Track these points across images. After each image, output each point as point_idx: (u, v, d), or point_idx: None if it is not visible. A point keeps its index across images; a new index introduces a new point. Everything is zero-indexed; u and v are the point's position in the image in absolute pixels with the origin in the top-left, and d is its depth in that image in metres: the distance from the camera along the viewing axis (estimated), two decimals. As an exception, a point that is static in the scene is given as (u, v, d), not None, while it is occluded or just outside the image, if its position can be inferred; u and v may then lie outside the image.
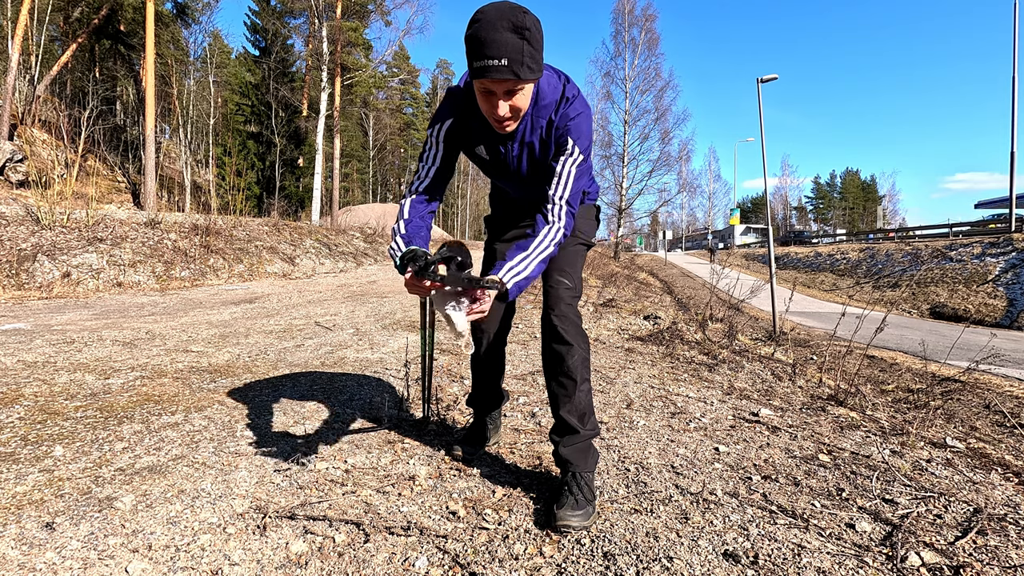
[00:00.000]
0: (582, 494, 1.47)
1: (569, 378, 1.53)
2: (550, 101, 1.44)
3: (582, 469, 1.52)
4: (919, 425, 2.36)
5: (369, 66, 22.12)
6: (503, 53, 1.22)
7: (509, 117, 1.35)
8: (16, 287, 6.29)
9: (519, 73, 1.25)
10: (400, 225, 1.48)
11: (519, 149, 1.51)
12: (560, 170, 1.44)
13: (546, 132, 1.46)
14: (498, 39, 1.21)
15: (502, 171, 1.59)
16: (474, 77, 1.28)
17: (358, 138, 39.71)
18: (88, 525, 1.34)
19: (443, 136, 1.52)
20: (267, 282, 8.59)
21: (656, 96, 24.77)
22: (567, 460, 1.53)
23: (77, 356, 3.17)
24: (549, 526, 1.41)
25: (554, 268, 1.61)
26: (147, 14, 17.35)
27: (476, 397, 1.95)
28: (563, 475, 1.54)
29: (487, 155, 1.56)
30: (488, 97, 1.32)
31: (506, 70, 1.23)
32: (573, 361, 1.53)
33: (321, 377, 2.84)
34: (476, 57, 1.24)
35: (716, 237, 49.31)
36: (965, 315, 14.30)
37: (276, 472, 1.69)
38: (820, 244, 33.23)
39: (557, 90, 1.44)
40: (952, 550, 1.34)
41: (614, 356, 3.75)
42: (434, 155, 1.54)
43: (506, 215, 1.84)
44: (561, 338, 1.54)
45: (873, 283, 19.40)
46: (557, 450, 1.56)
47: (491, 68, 1.23)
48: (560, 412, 1.55)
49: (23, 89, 18.50)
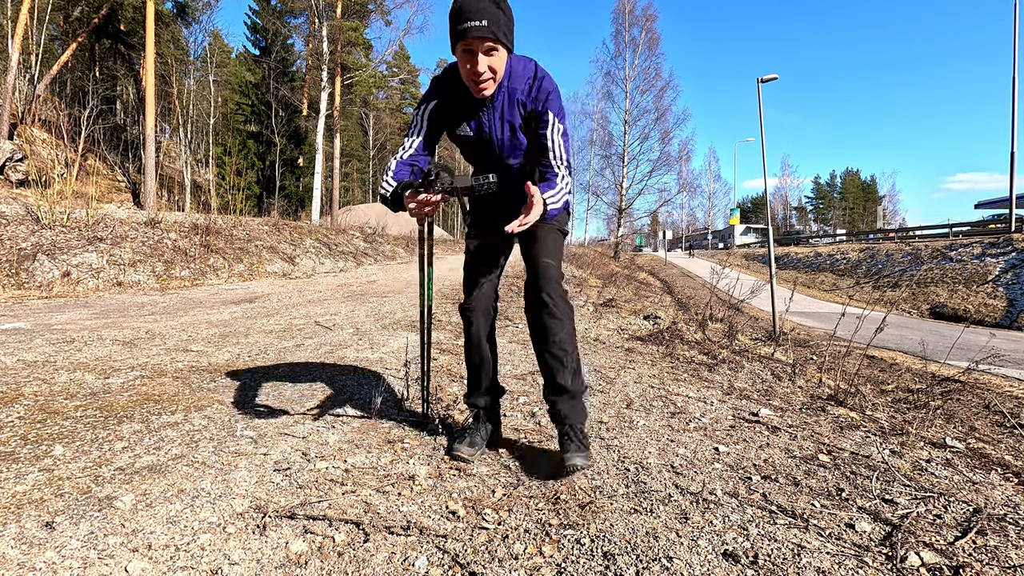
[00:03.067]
0: (581, 441, 1.72)
1: (562, 349, 1.72)
2: (523, 75, 1.64)
3: (577, 422, 1.75)
4: (919, 425, 2.36)
5: (369, 66, 22.11)
6: (483, 16, 1.45)
7: (488, 77, 1.54)
8: (16, 286, 6.29)
9: (496, 33, 1.47)
10: (388, 175, 1.63)
11: (500, 118, 1.67)
12: (550, 143, 1.64)
13: (526, 104, 1.64)
14: (478, 6, 1.45)
15: (485, 148, 1.73)
16: (457, 39, 1.49)
17: (358, 138, 39.70)
18: (88, 524, 1.34)
19: (427, 114, 1.70)
20: (267, 282, 8.59)
21: (656, 96, 24.78)
22: (565, 415, 1.74)
23: (77, 355, 3.16)
24: (559, 468, 1.65)
25: (541, 252, 1.74)
26: (147, 13, 17.34)
27: (472, 386, 1.98)
28: (561, 427, 1.76)
29: (471, 131, 1.70)
30: (469, 58, 1.51)
31: (485, 29, 1.45)
32: (564, 333, 1.72)
33: (321, 376, 2.84)
34: (459, 21, 1.46)
35: (716, 237, 49.32)
36: (965, 315, 14.30)
37: (276, 472, 1.69)
38: (819, 244, 33.22)
39: (529, 68, 1.65)
40: (952, 550, 1.34)
41: (614, 356, 3.74)
42: (418, 129, 1.70)
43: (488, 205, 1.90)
44: (551, 311, 1.70)
45: (873, 283, 19.40)
46: (555, 407, 1.76)
47: (472, 28, 1.45)
48: (557, 379, 1.74)
49: (23, 88, 18.49)
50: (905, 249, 20.57)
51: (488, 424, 1.97)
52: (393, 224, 17.23)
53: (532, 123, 1.66)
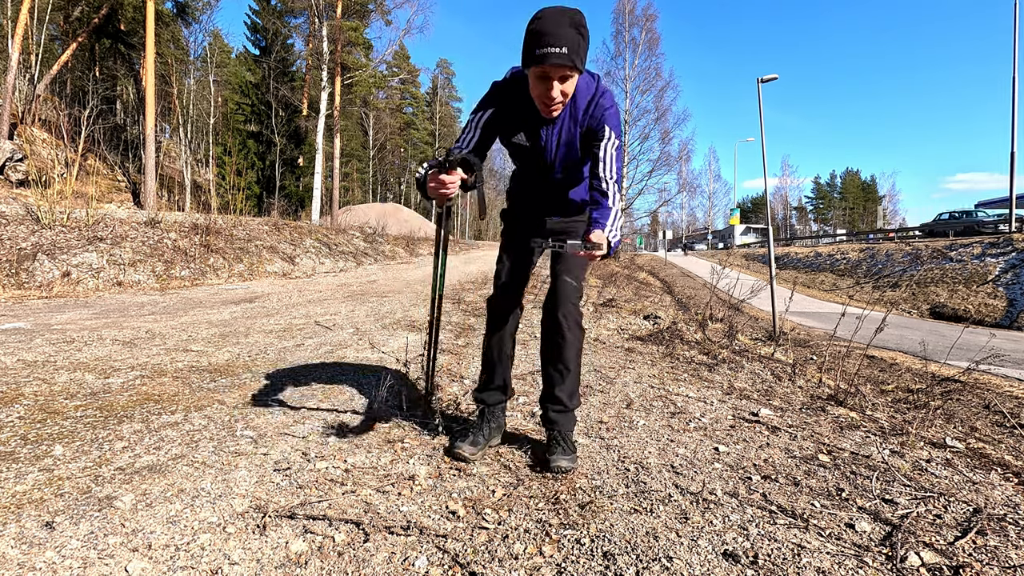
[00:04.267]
0: (568, 446, 1.79)
1: (566, 367, 1.80)
2: (587, 95, 1.65)
3: (566, 429, 1.84)
4: (919, 425, 2.36)
5: (369, 66, 22.10)
6: (565, 43, 1.43)
7: (559, 101, 1.55)
8: (16, 286, 6.29)
9: (575, 62, 1.46)
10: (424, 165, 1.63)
11: (558, 136, 1.69)
12: (603, 154, 1.63)
13: (584, 121, 1.66)
14: (561, 32, 1.43)
15: (538, 158, 1.76)
16: (534, 64, 1.48)
17: (358, 138, 39.67)
18: (88, 524, 1.34)
19: (483, 123, 1.70)
20: (267, 281, 8.59)
21: (656, 96, 24.74)
22: (555, 421, 1.83)
23: (77, 355, 3.16)
24: (546, 467, 1.74)
25: (563, 270, 1.79)
26: (147, 13, 17.33)
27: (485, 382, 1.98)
28: (550, 431, 1.84)
29: (527, 141, 1.72)
30: (544, 82, 1.52)
31: (566, 58, 1.44)
32: (571, 352, 1.79)
33: (321, 376, 2.83)
34: (539, 45, 1.45)
35: (716, 237, 49.37)
36: (965, 315, 14.29)
37: (276, 471, 1.69)
38: (819, 244, 33.22)
39: (592, 86, 1.66)
40: (952, 550, 1.34)
41: (614, 356, 3.74)
42: (470, 140, 1.69)
43: (528, 207, 1.95)
44: (563, 333, 1.77)
45: (873, 283, 19.40)
46: (547, 414, 1.85)
47: (553, 55, 1.44)
48: (555, 391, 1.83)
49: (23, 88, 18.49)
50: (905, 249, 20.57)
51: (492, 423, 1.96)
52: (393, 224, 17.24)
53: (589, 138, 1.67)
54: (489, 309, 1.97)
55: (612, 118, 1.64)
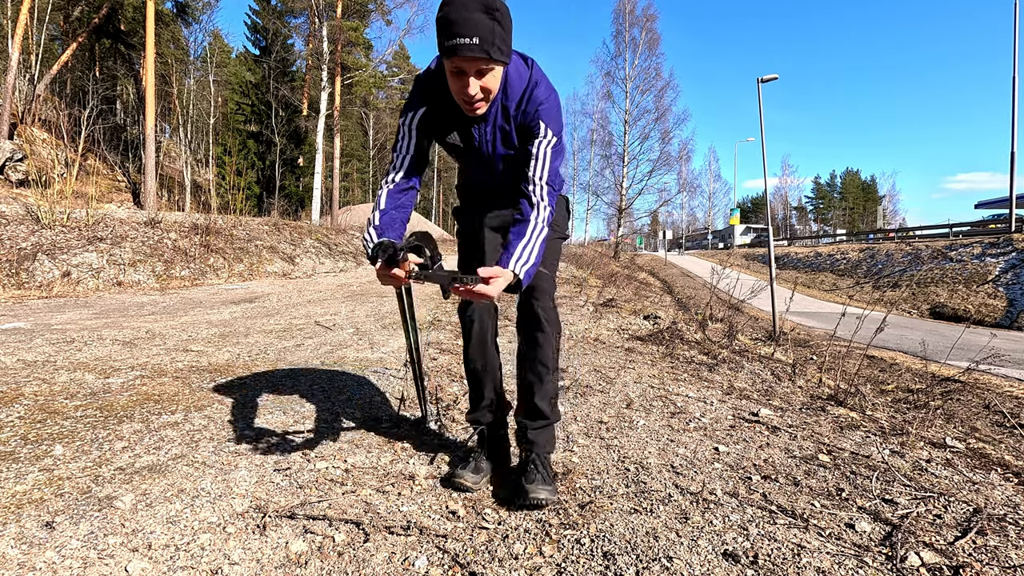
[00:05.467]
0: (547, 472, 1.59)
1: (544, 366, 1.61)
2: (519, 86, 1.45)
3: (546, 451, 1.64)
4: (919, 425, 2.36)
5: (369, 66, 22.09)
6: (474, 32, 1.24)
7: (480, 98, 1.37)
8: (16, 286, 6.29)
9: (490, 52, 1.27)
10: (375, 216, 1.46)
11: (492, 134, 1.52)
12: (536, 152, 1.45)
13: (517, 117, 1.47)
14: (470, 18, 1.24)
15: (476, 157, 1.59)
16: (445, 56, 1.30)
17: (358, 138, 39.68)
18: (88, 524, 1.34)
19: (415, 125, 1.52)
20: (267, 281, 8.59)
21: (656, 96, 24.77)
22: (534, 442, 1.63)
23: (77, 355, 3.16)
24: (521, 498, 1.49)
25: None
26: (147, 13, 17.32)
27: (475, 400, 1.81)
28: (527, 454, 1.64)
29: (460, 141, 1.55)
30: (459, 77, 1.33)
31: (477, 48, 1.25)
32: (550, 351, 1.61)
33: (321, 376, 2.83)
34: (447, 36, 1.26)
35: (716, 237, 49.43)
36: (965, 315, 14.29)
37: (276, 471, 1.69)
38: (819, 244, 33.24)
39: (524, 75, 1.47)
40: (952, 550, 1.34)
41: (614, 356, 3.74)
42: (407, 144, 1.53)
43: (477, 205, 1.78)
44: (542, 327, 1.60)
45: (873, 283, 19.40)
46: (525, 433, 1.65)
47: (462, 46, 1.25)
48: (534, 400, 1.63)
49: (23, 88, 18.49)
50: (905, 249, 20.57)
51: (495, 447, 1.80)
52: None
53: (524, 136, 1.50)
54: (461, 318, 1.79)
55: (548, 112, 1.46)
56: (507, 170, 1.59)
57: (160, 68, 21.86)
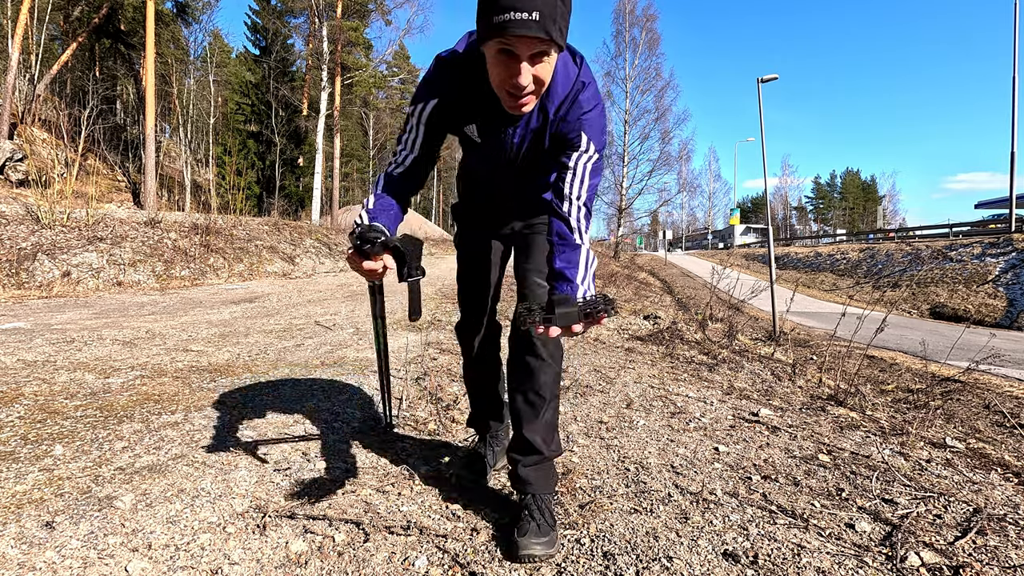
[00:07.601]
0: (544, 519, 1.32)
1: (539, 395, 1.37)
2: (564, 86, 1.21)
3: (543, 491, 1.38)
4: (919, 425, 2.36)
5: (369, 66, 22.10)
6: (533, 5, 0.97)
7: (531, 91, 1.09)
8: (16, 286, 6.29)
9: (551, 31, 1.00)
10: (370, 199, 1.24)
11: (520, 136, 1.27)
12: (575, 166, 1.23)
13: (555, 123, 1.24)
14: None
15: (492, 157, 1.35)
16: (492, 35, 1.02)
17: (358, 138, 39.68)
18: (88, 524, 1.34)
19: (426, 118, 1.26)
20: (267, 281, 8.59)
21: (656, 96, 24.80)
22: (526, 481, 1.38)
23: (77, 355, 3.16)
24: (510, 555, 1.27)
25: (532, 268, 1.43)
26: (147, 13, 17.32)
27: (475, 410, 1.76)
28: (522, 498, 1.39)
29: (479, 137, 1.30)
30: (506, 62, 1.05)
31: (536, 25, 0.98)
32: (546, 378, 1.37)
33: (321, 376, 2.83)
34: (497, 10, 0.99)
35: (716, 237, 49.48)
36: (965, 315, 14.29)
37: (276, 471, 1.69)
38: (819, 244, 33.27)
39: (572, 74, 1.22)
40: (952, 550, 1.34)
41: (614, 356, 3.74)
42: (413, 140, 1.28)
43: (482, 207, 1.55)
44: (536, 351, 1.36)
45: (873, 283, 19.40)
46: (516, 470, 1.40)
47: (517, 22, 0.98)
48: (524, 431, 1.39)
49: (23, 88, 18.49)
50: (905, 249, 20.57)
51: (495, 446, 1.74)
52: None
53: (560, 144, 1.26)
54: (460, 338, 1.63)
55: (592, 122, 1.22)
56: (525, 176, 1.38)
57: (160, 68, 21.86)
